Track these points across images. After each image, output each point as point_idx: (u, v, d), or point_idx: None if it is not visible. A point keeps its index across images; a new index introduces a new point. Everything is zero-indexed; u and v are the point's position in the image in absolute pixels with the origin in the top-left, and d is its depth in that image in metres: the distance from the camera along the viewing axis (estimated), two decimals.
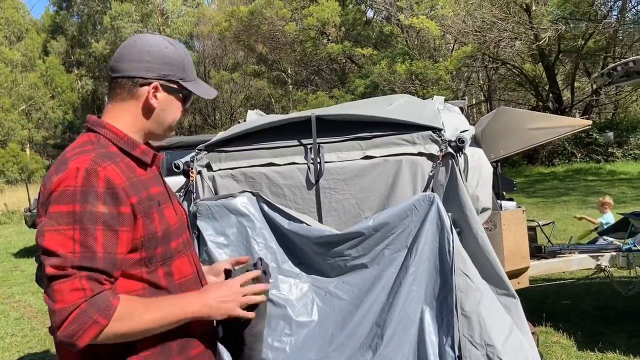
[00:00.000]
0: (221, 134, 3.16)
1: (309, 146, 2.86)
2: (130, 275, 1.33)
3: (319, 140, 2.85)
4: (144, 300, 1.32)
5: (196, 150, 3.03)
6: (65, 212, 1.22)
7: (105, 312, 1.21)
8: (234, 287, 1.45)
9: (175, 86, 1.46)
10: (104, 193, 1.25)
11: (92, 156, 1.29)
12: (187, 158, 3.03)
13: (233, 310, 1.43)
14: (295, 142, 2.90)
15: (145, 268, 1.35)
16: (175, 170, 3.02)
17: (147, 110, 1.44)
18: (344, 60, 25.55)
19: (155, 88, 1.43)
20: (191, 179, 2.97)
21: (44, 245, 1.23)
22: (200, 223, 2.81)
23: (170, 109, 1.47)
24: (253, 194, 2.85)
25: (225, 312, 1.42)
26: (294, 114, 3.17)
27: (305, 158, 2.86)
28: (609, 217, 6.21)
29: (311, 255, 2.75)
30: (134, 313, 1.26)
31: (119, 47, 1.48)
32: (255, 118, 3.79)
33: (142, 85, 1.41)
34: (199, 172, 2.98)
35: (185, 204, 2.97)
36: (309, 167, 2.84)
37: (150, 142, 1.51)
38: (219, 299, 1.41)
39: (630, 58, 3.84)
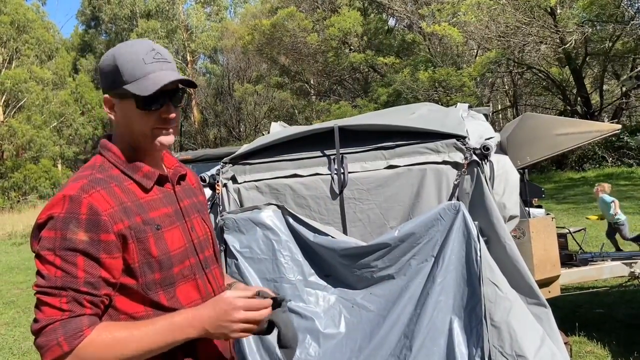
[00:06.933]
0: (245, 147, 3.20)
1: (332, 157, 2.86)
2: (131, 299, 1.33)
3: (342, 150, 2.85)
4: (127, 326, 1.28)
5: (221, 163, 3.07)
6: (48, 238, 1.25)
7: (70, 339, 1.21)
8: (233, 303, 1.30)
9: (121, 92, 1.37)
10: (86, 220, 1.25)
11: (83, 183, 1.30)
12: (213, 171, 3.07)
13: (231, 331, 1.30)
14: (319, 153, 2.91)
15: (143, 294, 1.34)
16: (202, 183, 3.06)
17: (116, 125, 1.43)
18: (366, 70, 25.56)
19: (105, 100, 1.41)
20: (217, 191, 3.01)
21: (36, 265, 1.28)
22: (227, 236, 2.83)
23: (129, 116, 1.38)
24: (278, 206, 2.87)
25: (224, 332, 1.30)
26: (317, 125, 3.19)
27: (329, 169, 2.86)
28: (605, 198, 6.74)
29: (337, 267, 2.74)
30: (110, 343, 1.23)
31: None
32: (278, 130, 3.82)
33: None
34: (225, 185, 3.01)
35: (212, 216, 3.01)
36: (332, 178, 2.84)
37: (180, 156, 1.52)
38: (218, 317, 1.29)
39: None
